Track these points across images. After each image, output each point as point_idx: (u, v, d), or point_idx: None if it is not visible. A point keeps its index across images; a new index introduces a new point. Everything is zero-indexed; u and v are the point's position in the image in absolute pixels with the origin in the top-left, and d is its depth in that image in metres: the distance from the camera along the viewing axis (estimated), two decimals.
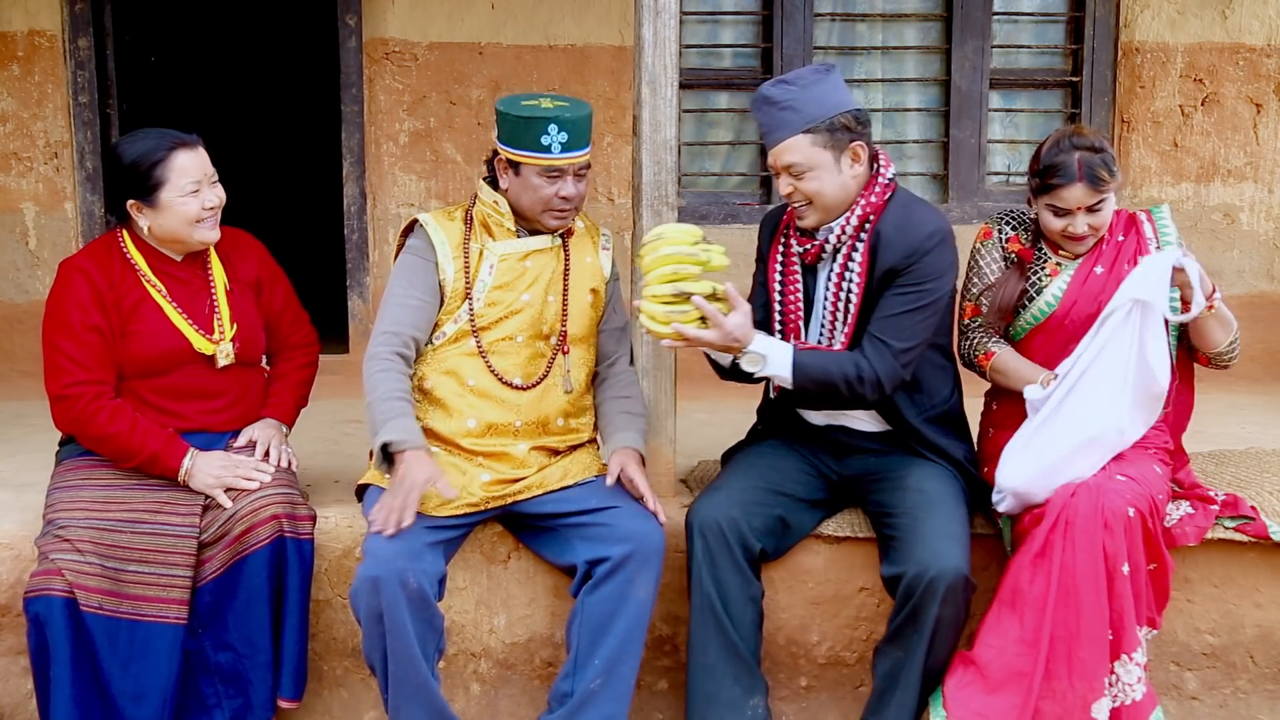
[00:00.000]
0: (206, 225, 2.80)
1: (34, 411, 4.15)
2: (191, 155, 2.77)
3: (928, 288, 2.73)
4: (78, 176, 4.71)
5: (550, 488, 2.83)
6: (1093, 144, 2.80)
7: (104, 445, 2.75)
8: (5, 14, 4.58)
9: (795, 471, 2.93)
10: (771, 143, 2.75)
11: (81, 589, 2.60)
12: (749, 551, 2.78)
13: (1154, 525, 2.72)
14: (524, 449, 2.83)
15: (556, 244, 2.90)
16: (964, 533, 2.74)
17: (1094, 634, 2.63)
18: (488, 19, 4.73)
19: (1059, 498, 2.70)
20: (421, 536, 2.64)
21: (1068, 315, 2.90)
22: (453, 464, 2.79)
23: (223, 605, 2.72)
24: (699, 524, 2.78)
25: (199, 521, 2.73)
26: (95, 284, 2.76)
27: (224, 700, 2.73)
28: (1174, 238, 2.93)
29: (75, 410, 2.72)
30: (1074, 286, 2.90)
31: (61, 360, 2.73)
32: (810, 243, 2.84)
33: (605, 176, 4.85)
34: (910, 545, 2.69)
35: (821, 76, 2.73)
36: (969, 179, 5.05)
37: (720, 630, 2.76)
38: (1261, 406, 4.55)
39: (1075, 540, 2.64)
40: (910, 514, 2.75)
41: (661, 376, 3.02)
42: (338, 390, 4.45)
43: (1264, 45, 5.00)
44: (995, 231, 3.04)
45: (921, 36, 5.06)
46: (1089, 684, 2.63)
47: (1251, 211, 5.12)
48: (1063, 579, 2.64)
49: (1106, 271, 2.89)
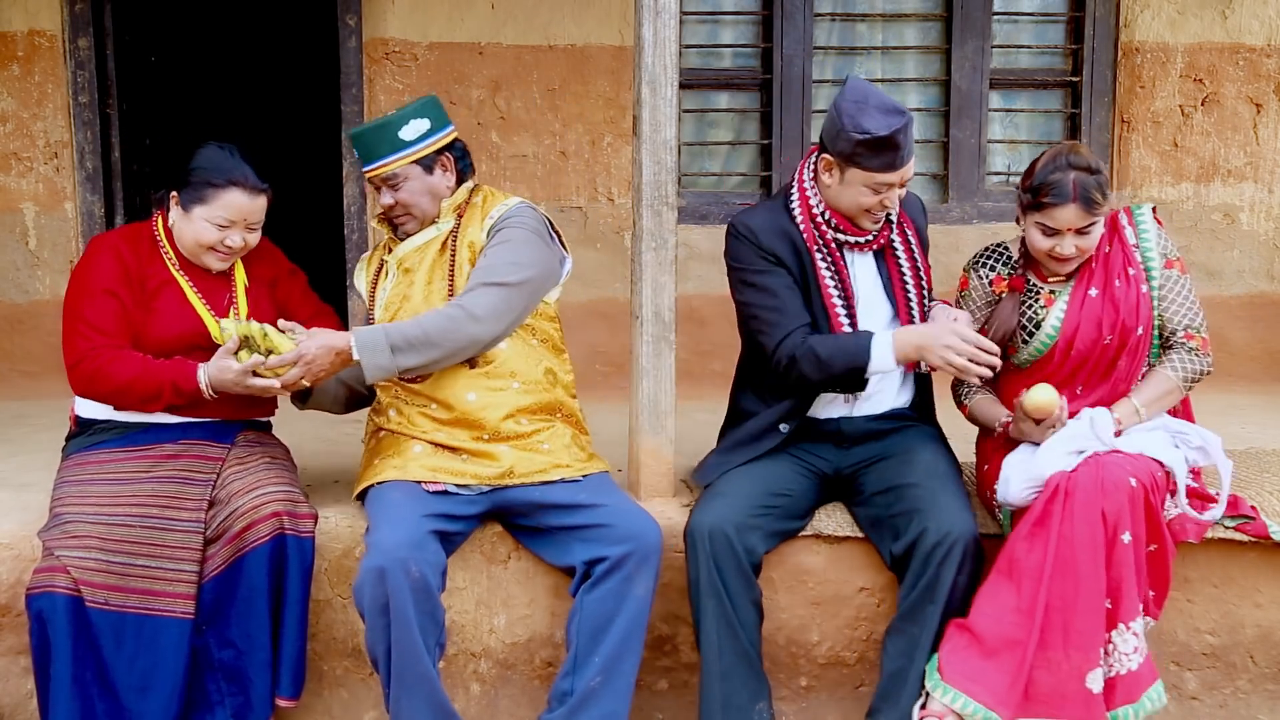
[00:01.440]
0: (215, 256, 2.86)
1: (34, 411, 4.15)
2: (245, 198, 2.81)
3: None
4: (78, 176, 4.72)
5: (526, 474, 2.83)
6: (1089, 165, 2.76)
7: (127, 395, 2.76)
8: (5, 14, 4.59)
9: (790, 472, 2.94)
10: (901, 165, 2.78)
11: (88, 585, 2.60)
12: (752, 556, 2.79)
13: (1156, 501, 2.71)
14: (464, 436, 2.85)
15: (446, 229, 2.95)
16: (967, 499, 2.83)
17: (1091, 604, 2.62)
18: (488, 19, 4.73)
19: (1060, 472, 2.71)
20: (423, 525, 2.67)
21: (1071, 343, 2.87)
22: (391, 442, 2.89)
23: (224, 602, 2.72)
24: (704, 532, 2.77)
25: (204, 517, 2.74)
26: (123, 258, 2.83)
27: (226, 697, 2.73)
28: (1154, 241, 2.91)
29: (89, 369, 2.74)
30: (1071, 313, 2.88)
31: (79, 326, 2.77)
32: (863, 235, 2.90)
33: (605, 176, 4.85)
34: (929, 512, 2.73)
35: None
36: (969, 179, 5.05)
37: (734, 636, 2.77)
38: (1261, 406, 4.55)
39: (1074, 510, 2.64)
40: (923, 485, 2.80)
41: (662, 376, 3.03)
42: None
43: (1264, 45, 5.00)
44: (973, 279, 3.01)
45: (921, 36, 5.06)
46: (1085, 654, 2.63)
47: (1251, 211, 5.12)
48: (1060, 549, 2.64)
49: (1101, 292, 2.88)
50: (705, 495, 2.91)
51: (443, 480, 2.80)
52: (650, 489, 3.05)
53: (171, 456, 2.81)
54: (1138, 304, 2.87)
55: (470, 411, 2.85)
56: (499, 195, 3.01)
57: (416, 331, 2.75)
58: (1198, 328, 2.90)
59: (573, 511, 2.82)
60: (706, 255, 4.71)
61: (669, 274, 3.00)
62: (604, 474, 2.95)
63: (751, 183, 5.03)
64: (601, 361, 4.83)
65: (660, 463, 3.05)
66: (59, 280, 4.67)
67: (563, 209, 4.82)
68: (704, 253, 4.74)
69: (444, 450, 2.85)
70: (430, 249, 2.94)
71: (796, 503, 2.92)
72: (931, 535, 2.70)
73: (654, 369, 3.02)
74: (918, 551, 2.71)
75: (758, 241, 2.89)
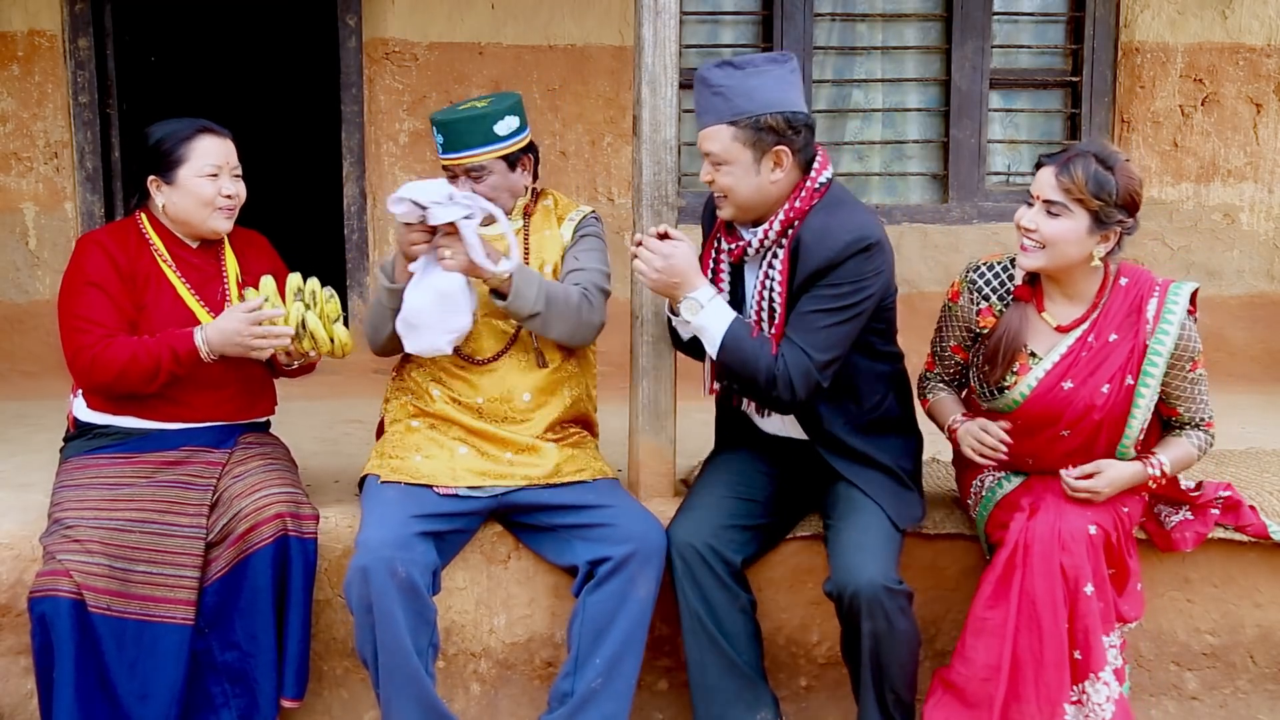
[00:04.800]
0: (221, 214, 2.85)
1: (34, 411, 4.15)
2: (216, 141, 2.83)
3: (845, 293, 2.60)
4: (78, 176, 4.72)
5: (539, 481, 2.83)
6: (1102, 155, 2.58)
7: (126, 379, 2.72)
8: (5, 14, 4.59)
9: (760, 476, 2.90)
10: (698, 126, 2.65)
11: (90, 590, 2.60)
12: (730, 566, 2.76)
13: (1118, 539, 2.69)
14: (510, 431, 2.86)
15: (516, 225, 2.95)
16: (881, 541, 2.65)
17: (1055, 659, 2.60)
18: (488, 19, 4.73)
19: (1017, 523, 2.67)
20: (410, 526, 2.67)
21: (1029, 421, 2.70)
22: (431, 439, 2.86)
23: (228, 604, 2.72)
24: (676, 547, 2.75)
25: (205, 522, 2.73)
26: (112, 255, 2.82)
27: (231, 700, 2.73)
28: (1173, 334, 2.64)
29: (87, 360, 2.72)
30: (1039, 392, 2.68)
31: (73, 322, 2.76)
32: (736, 241, 2.76)
33: (605, 176, 4.85)
34: (834, 559, 2.67)
35: (769, 69, 2.60)
36: (969, 179, 5.05)
37: (716, 649, 2.75)
38: (1261, 406, 4.55)
39: (1033, 565, 2.61)
40: (834, 526, 2.73)
41: (662, 376, 3.03)
42: (337, 390, 4.46)
43: (1264, 45, 5.01)
44: (963, 296, 2.80)
45: (921, 36, 5.07)
46: (1054, 708, 2.60)
47: (1251, 211, 5.13)
48: (1022, 604, 2.61)
49: (1076, 387, 2.67)
50: (679, 509, 2.88)
51: (491, 482, 2.80)
52: (650, 490, 3.05)
53: (172, 463, 2.80)
54: (1119, 418, 2.68)
55: (522, 410, 2.88)
56: (565, 198, 3.06)
57: (558, 293, 2.79)
58: (1210, 417, 2.82)
59: (578, 511, 2.82)
60: None
61: None
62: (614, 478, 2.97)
63: None
64: (601, 361, 4.78)
65: (660, 463, 3.05)
66: (59, 280, 4.65)
67: None
68: None
69: (490, 449, 2.84)
70: (499, 245, 2.92)
71: (771, 507, 2.89)
72: (834, 590, 2.63)
73: (654, 369, 3.02)
74: (833, 594, 2.66)
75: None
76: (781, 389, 2.62)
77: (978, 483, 2.89)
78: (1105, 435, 2.70)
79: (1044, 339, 2.71)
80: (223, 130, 2.87)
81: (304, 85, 7.66)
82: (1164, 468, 2.72)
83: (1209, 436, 2.82)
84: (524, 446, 2.85)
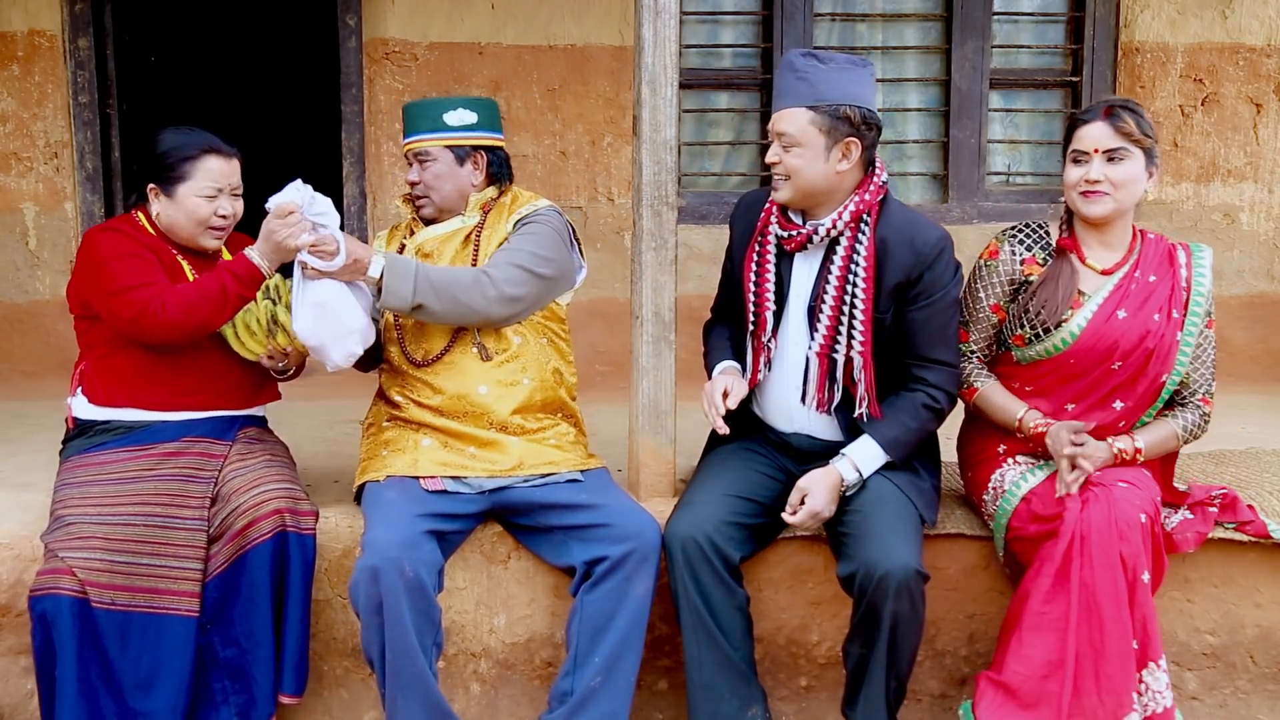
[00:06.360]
0: (211, 234, 2.86)
1: (34, 411, 4.15)
2: (220, 162, 2.83)
3: (951, 294, 2.79)
4: (78, 176, 4.72)
5: (534, 466, 2.84)
6: (1126, 103, 2.76)
7: (197, 312, 2.70)
8: (5, 14, 4.59)
9: (761, 475, 2.91)
10: (776, 107, 2.76)
11: (94, 585, 2.60)
12: (728, 562, 2.77)
13: (1158, 530, 2.71)
14: (473, 426, 2.87)
15: (472, 224, 2.96)
16: (912, 529, 2.72)
17: (1119, 649, 2.60)
18: (488, 19, 4.73)
19: (1071, 513, 2.66)
20: (417, 525, 2.68)
21: (1081, 354, 2.78)
22: (398, 435, 2.90)
23: (228, 600, 2.72)
24: (676, 542, 2.76)
25: (207, 514, 2.74)
26: (127, 234, 2.83)
27: (231, 696, 2.74)
28: (1206, 292, 2.82)
29: (155, 310, 2.69)
30: (1094, 324, 2.77)
31: (122, 293, 2.72)
32: (796, 229, 2.81)
33: (605, 176, 4.85)
34: (861, 543, 2.68)
35: (852, 68, 2.73)
36: (969, 179, 5.06)
37: (714, 645, 2.75)
38: (1261, 406, 4.55)
39: (1092, 555, 2.61)
40: (860, 512, 2.74)
41: (662, 376, 3.03)
42: (337, 390, 4.45)
43: (1264, 45, 5.01)
44: (1004, 250, 2.88)
45: (921, 36, 5.07)
46: (1118, 699, 2.60)
47: (1251, 211, 5.13)
48: (1083, 597, 2.61)
49: (1130, 317, 2.76)
50: (678, 505, 2.89)
51: (453, 474, 2.81)
52: (650, 489, 3.05)
53: (172, 455, 2.81)
54: (1169, 349, 2.79)
55: (481, 404, 2.87)
56: (528, 195, 3.05)
57: (445, 278, 2.78)
58: (1212, 392, 2.87)
59: (573, 511, 2.82)
60: (706, 255, 4.71)
61: (669, 274, 3.00)
62: (603, 470, 2.96)
63: (752, 183, 5.02)
64: (601, 361, 4.83)
65: (660, 463, 3.05)
66: (59, 280, 4.68)
67: (563, 209, 4.81)
68: (704, 253, 4.74)
69: (454, 443, 2.86)
70: (454, 240, 2.96)
71: (770, 506, 2.89)
72: (863, 570, 2.64)
73: (654, 369, 3.02)
74: (856, 581, 2.66)
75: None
76: (948, 410, 2.86)
77: (997, 476, 2.87)
78: (1154, 367, 2.78)
79: (1091, 281, 2.83)
80: (230, 150, 2.86)
81: (304, 85, 7.66)
82: (1134, 443, 2.80)
83: (1201, 419, 2.86)
84: (485, 441, 2.86)
